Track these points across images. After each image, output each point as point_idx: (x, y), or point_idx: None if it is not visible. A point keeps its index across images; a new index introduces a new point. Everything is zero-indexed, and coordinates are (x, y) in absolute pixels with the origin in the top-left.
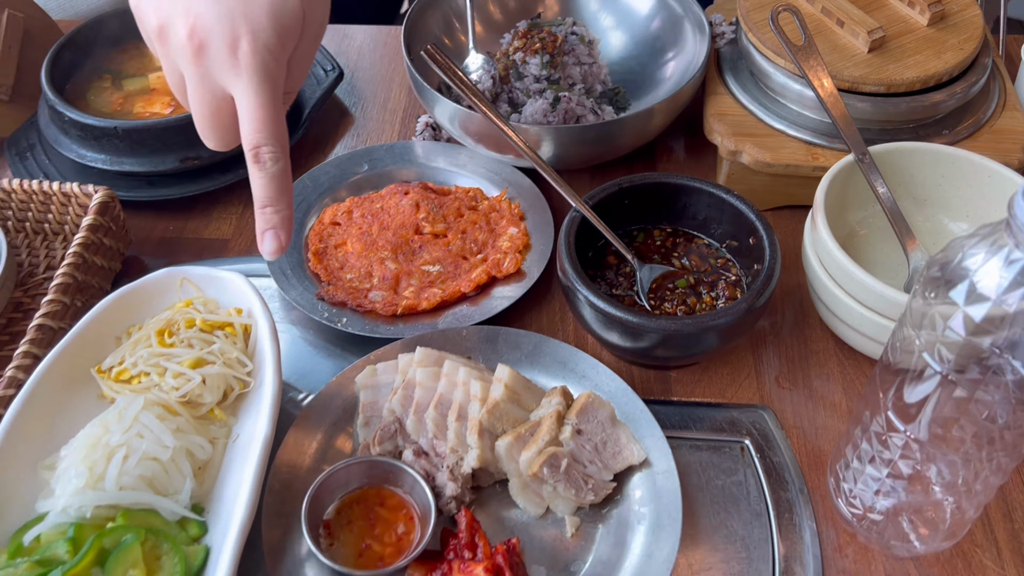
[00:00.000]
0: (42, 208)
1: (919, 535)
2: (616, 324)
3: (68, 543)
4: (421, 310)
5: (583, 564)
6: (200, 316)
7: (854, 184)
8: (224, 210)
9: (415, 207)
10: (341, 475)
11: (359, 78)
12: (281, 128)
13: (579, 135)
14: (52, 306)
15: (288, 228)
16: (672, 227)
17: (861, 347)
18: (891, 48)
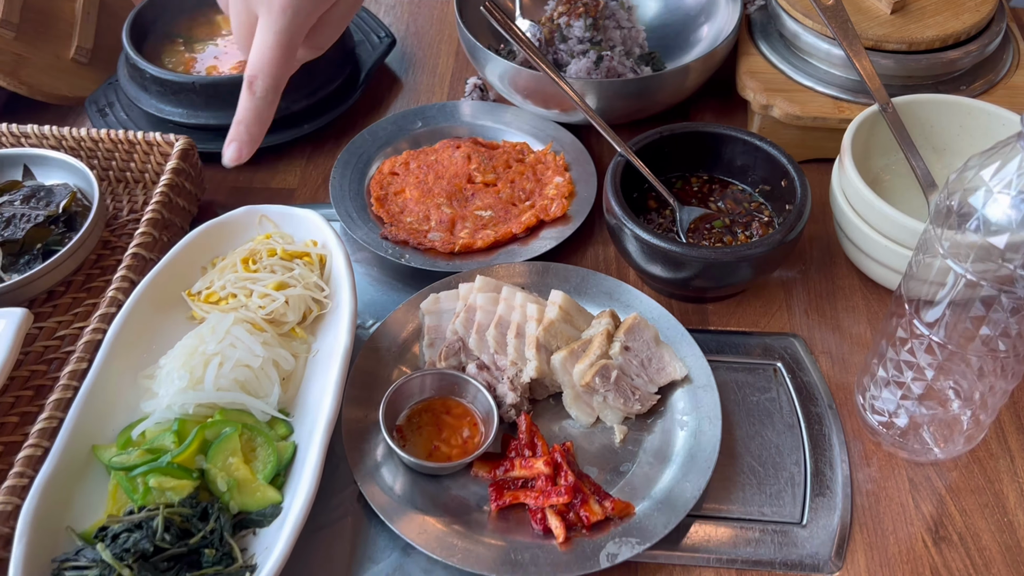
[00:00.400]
0: (126, 157)
1: (939, 443)
2: (659, 255)
3: (173, 435)
4: (476, 248)
5: (631, 465)
6: (280, 246)
7: (878, 133)
8: (289, 162)
9: (467, 159)
10: (411, 385)
11: (409, 45)
12: (282, 68)
13: (621, 88)
14: (144, 237)
15: (251, 147)
16: (708, 174)
17: (884, 280)
18: (912, 10)
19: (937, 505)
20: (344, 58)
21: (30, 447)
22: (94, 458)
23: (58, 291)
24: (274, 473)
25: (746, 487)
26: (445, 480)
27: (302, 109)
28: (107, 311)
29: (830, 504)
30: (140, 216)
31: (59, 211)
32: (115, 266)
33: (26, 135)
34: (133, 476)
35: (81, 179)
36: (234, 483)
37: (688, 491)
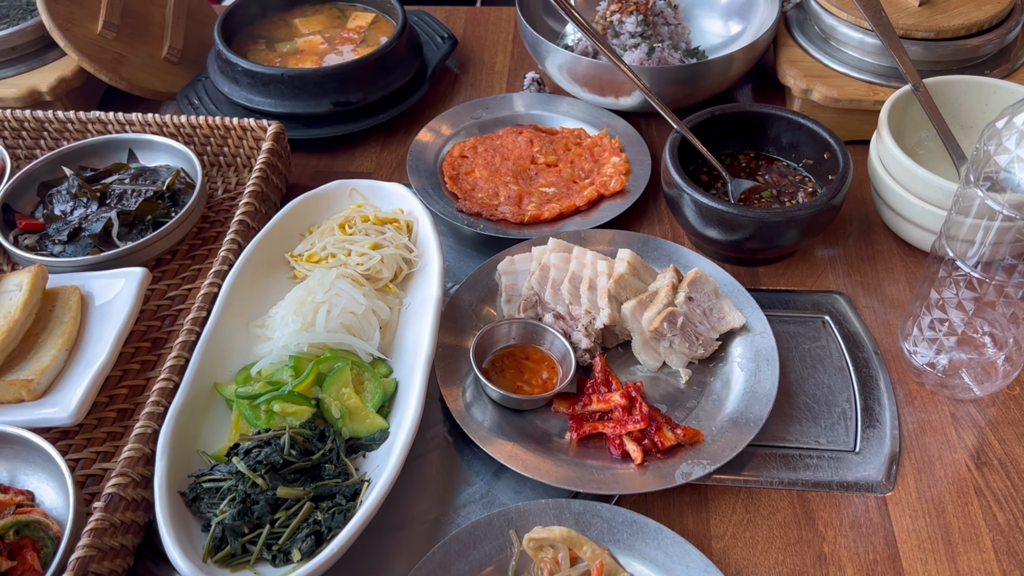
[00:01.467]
0: (220, 141)
1: (977, 382)
2: (716, 218)
3: (290, 370)
4: (543, 219)
5: (697, 402)
6: (372, 213)
7: (911, 111)
8: (366, 148)
9: (529, 143)
10: (495, 332)
11: (468, 47)
12: None
13: (673, 74)
14: (248, 207)
15: None
16: (756, 151)
17: (921, 243)
18: (938, 1)
19: (978, 435)
20: (413, 56)
21: (163, 380)
22: (216, 394)
23: (165, 259)
24: (380, 404)
25: (803, 421)
26: (528, 414)
27: (376, 100)
28: (220, 268)
29: (880, 435)
30: (235, 195)
31: (164, 188)
32: (216, 237)
33: (131, 122)
34: (257, 404)
35: (182, 160)
36: (346, 411)
37: (752, 420)
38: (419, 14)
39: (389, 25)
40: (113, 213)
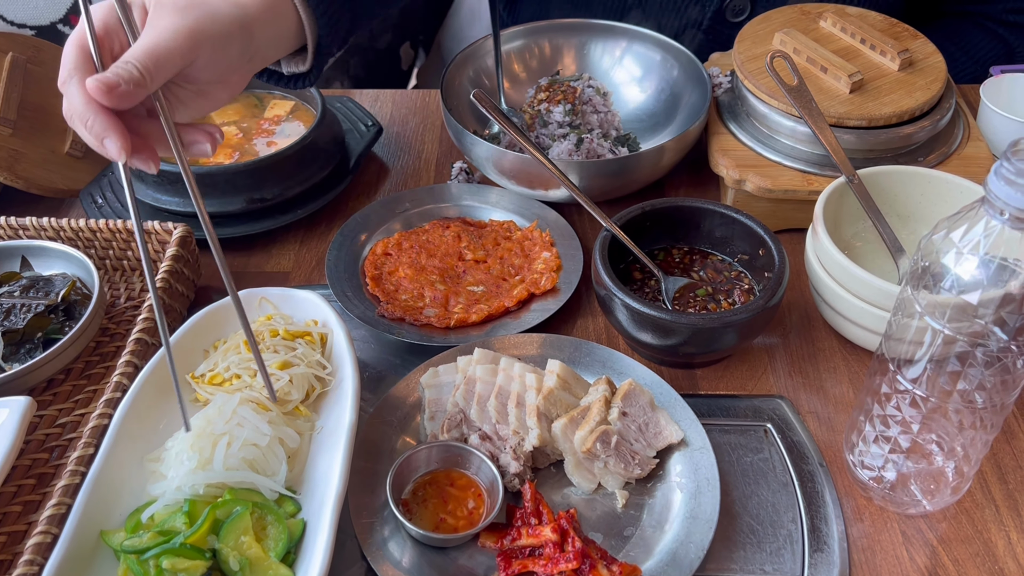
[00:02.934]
0: (123, 245)
1: (926, 495)
2: (649, 323)
3: (184, 516)
4: (471, 323)
5: (634, 529)
6: (282, 326)
7: (846, 203)
8: (284, 246)
9: (457, 238)
10: (416, 459)
11: (395, 133)
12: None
13: (602, 168)
14: (146, 323)
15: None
16: (689, 246)
17: (861, 341)
18: (869, 89)
19: (931, 556)
20: (334, 147)
21: (39, 534)
22: (102, 544)
23: (58, 379)
24: (285, 551)
25: (747, 546)
26: (452, 552)
27: (295, 195)
28: (112, 396)
29: (828, 560)
30: (138, 303)
31: (58, 300)
32: (115, 353)
33: (24, 227)
34: (145, 559)
35: (80, 268)
36: (246, 562)
37: (692, 551)
38: (342, 99)
39: (309, 113)
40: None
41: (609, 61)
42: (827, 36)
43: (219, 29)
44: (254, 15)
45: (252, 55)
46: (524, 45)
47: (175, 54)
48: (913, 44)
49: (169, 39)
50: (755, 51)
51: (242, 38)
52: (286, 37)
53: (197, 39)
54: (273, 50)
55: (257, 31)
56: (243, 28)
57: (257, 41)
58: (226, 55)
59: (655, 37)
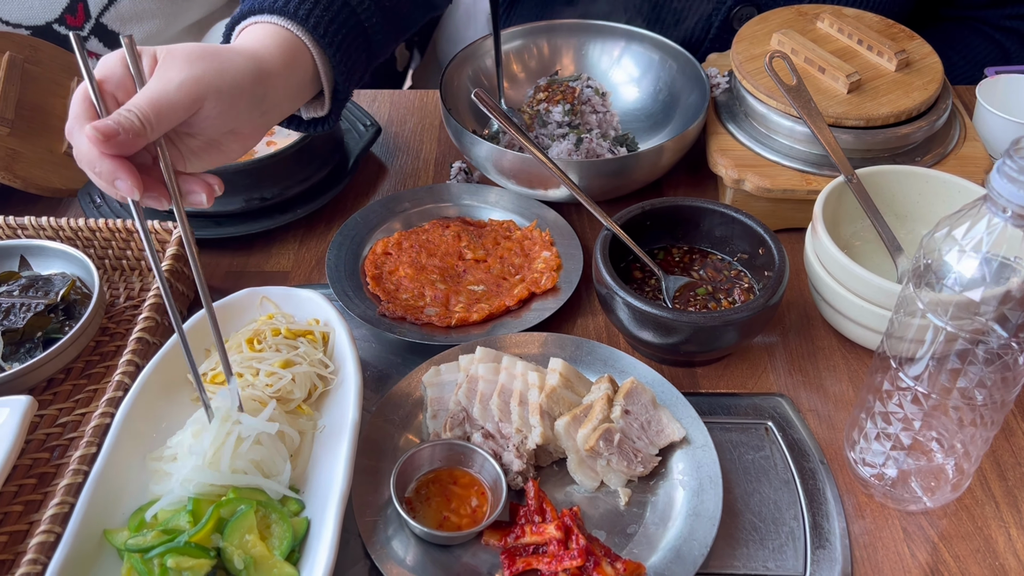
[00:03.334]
0: (123, 245)
1: (927, 492)
2: (650, 322)
3: (188, 515)
4: (472, 321)
5: (637, 527)
6: (284, 325)
7: (845, 202)
8: (283, 245)
9: (457, 237)
10: (418, 457)
11: (393, 134)
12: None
13: (602, 167)
14: (148, 322)
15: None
16: (688, 245)
17: (861, 339)
18: (867, 89)
19: (931, 552)
20: (334, 146)
21: (43, 533)
22: (105, 543)
23: (58, 378)
24: (289, 549)
25: (749, 543)
26: (456, 550)
27: (295, 195)
28: (114, 395)
29: (831, 556)
30: (138, 303)
31: (58, 299)
32: (114, 352)
33: (23, 226)
34: (150, 558)
35: (79, 268)
36: (251, 560)
37: (696, 549)
38: None
39: None
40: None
41: (607, 61)
42: (824, 37)
43: (229, 82)
44: (271, 69)
45: (267, 108)
46: (523, 45)
47: (177, 105)
48: (910, 45)
49: (173, 90)
50: (753, 51)
51: (255, 92)
52: (303, 87)
53: (202, 91)
54: (289, 102)
55: (273, 84)
56: (257, 81)
57: (273, 94)
58: (235, 108)
59: (653, 38)
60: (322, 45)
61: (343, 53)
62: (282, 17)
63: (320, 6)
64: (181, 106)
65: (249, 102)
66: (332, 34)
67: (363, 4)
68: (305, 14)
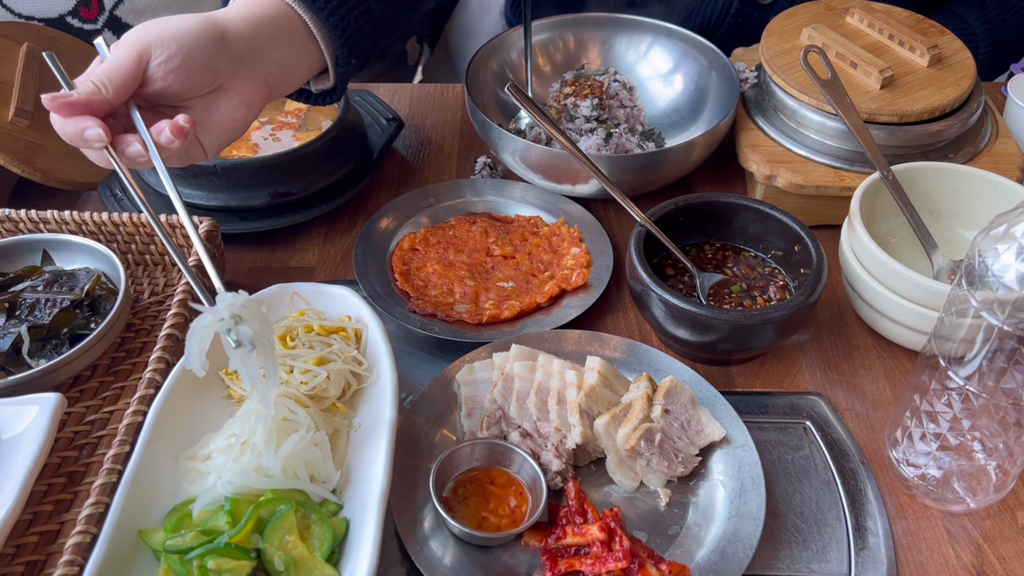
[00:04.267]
0: (146, 240)
1: (969, 493)
2: (686, 319)
3: (226, 515)
4: (503, 319)
5: (679, 528)
6: (316, 322)
7: (880, 199)
8: (307, 240)
9: (484, 233)
10: (456, 456)
11: (415, 128)
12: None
13: (632, 163)
14: (176, 319)
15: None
16: (721, 242)
17: (899, 338)
18: (899, 85)
19: (976, 553)
20: (356, 141)
21: (79, 534)
22: (141, 543)
23: (84, 375)
24: (330, 550)
25: (792, 544)
26: (495, 550)
27: (318, 190)
28: (146, 392)
29: (875, 558)
30: (163, 299)
31: (83, 295)
32: (141, 349)
33: (45, 220)
34: (189, 559)
35: (103, 263)
36: (291, 562)
37: (740, 550)
38: (361, 93)
39: (329, 108)
40: (23, 328)
41: (634, 56)
42: (854, 32)
43: (172, 26)
44: (230, 14)
45: (242, 56)
46: (548, 39)
47: (124, 61)
48: (941, 40)
49: (118, 51)
50: (783, 46)
51: (209, 31)
52: (296, 51)
53: (143, 40)
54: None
55: (236, 28)
56: (209, 23)
57: (238, 36)
58: (188, 51)
59: (680, 32)
60: (320, 16)
61: (340, 21)
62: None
63: None
64: (128, 60)
65: (200, 42)
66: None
67: None
68: None
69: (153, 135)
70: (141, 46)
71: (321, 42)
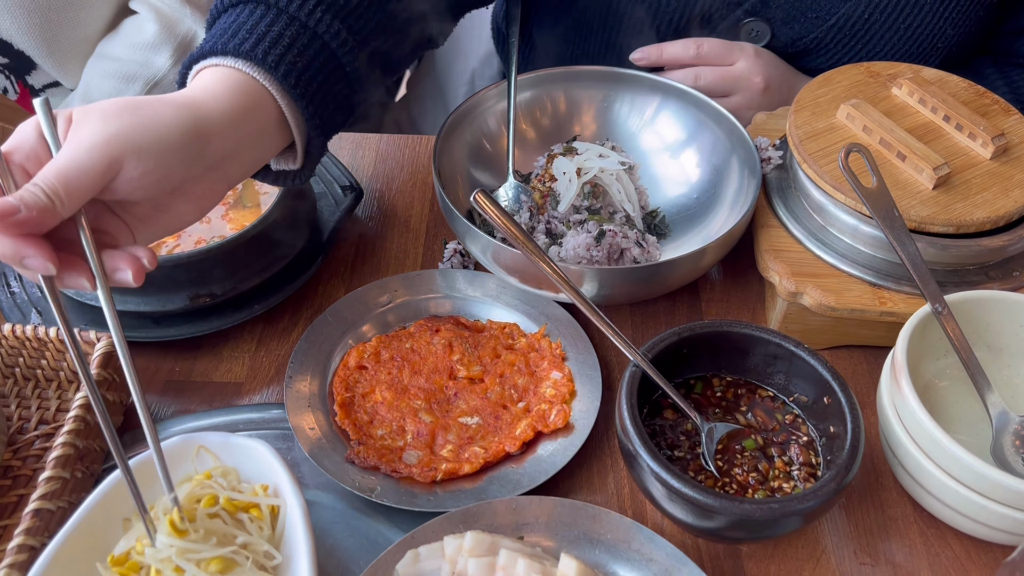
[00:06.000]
0: (35, 355)
1: None
2: (686, 501)
3: None
4: (463, 474)
5: None
6: (224, 494)
7: (930, 334)
8: (235, 349)
9: (448, 347)
10: None
11: (376, 193)
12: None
13: (629, 276)
14: (50, 485)
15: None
16: (733, 376)
17: (948, 519)
18: (956, 184)
19: None
20: (304, 222)
21: None
22: None
23: None
24: None
25: None
26: None
27: (251, 288)
28: None
29: None
30: (57, 426)
31: None
32: (15, 506)
33: None
34: None
35: None
36: None
37: None
38: None
39: None
40: None
41: (637, 122)
42: (902, 108)
43: (152, 137)
44: (211, 119)
45: (214, 163)
46: (535, 97)
47: (89, 171)
48: (1006, 123)
49: (84, 154)
50: (816, 125)
51: (188, 147)
52: (265, 137)
53: (117, 151)
54: (251, 154)
55: (215, 136)
56: (191, 135)
57: (219, 146)
58: (164, 166)
59: (695, 96)
60: (293, 96)
61: (317, 105)
62: (246, 61)
63: (293, 51)
64: (95, 171)
65: (182, 158)
66: (306, 83)
67: (345, 47)
68: (275, 60)
69: (108, 270)
70: (113, 157)
71: (295, 129)
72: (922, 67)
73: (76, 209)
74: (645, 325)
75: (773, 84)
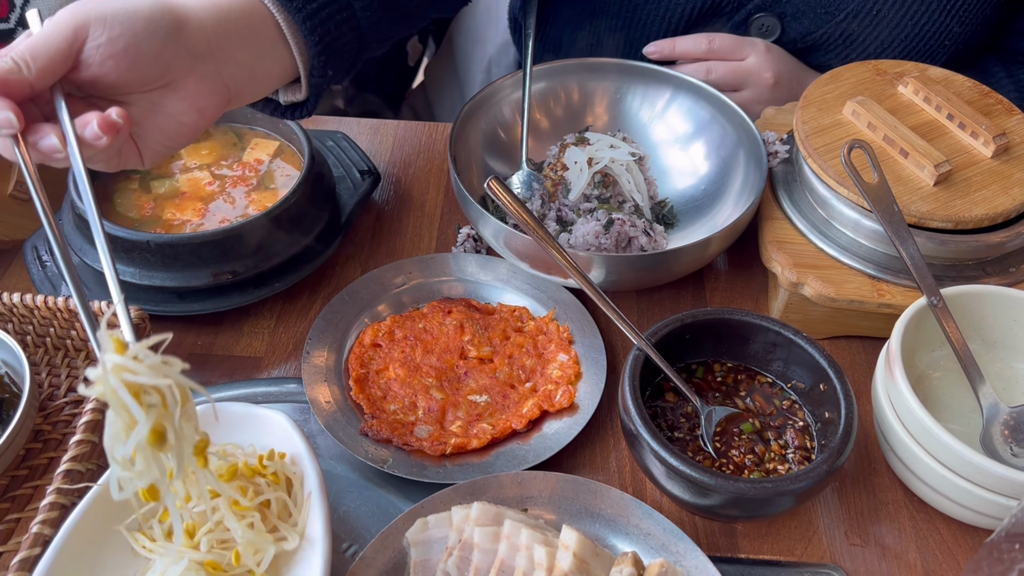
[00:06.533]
0: (65, 325)
1: None
2: (684, 479)
3: None
4: (471, 449)
5: None
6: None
7: (925, 326)
8: (255, 325)
9: (459, 328)
10: None
11: (393, 178)
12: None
13: (636, 263)
14: (80, 447)
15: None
16: (733, 362)
17: (937, 504)
18: (956, 181)
19: None
20: (321, 205)
21: None
22: None
23: None
24: None
25: None
26: None
27: (272, 267)
28: (28, 554)
29: None
30: (81, 397)
31: None
32: (46, 467)
33: None
34: None
35: (8, 354)
36: None
37: None
38: (334, 136)
39: (296, 157)
40: None
41: (648, 114)
42: (907, 106)
43: (119, 6)
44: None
45: (197, 49)
46: (548, 88)
47: (55, 37)
48: (1008, 122)
49: (50, 24)
50: (822, 121)
51: (162, 18)
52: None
53: (80, 17)
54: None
55: (197, 18)
56: (163, 8)
57: (199, 32)
58: (132, 32)
59: (705, 90)
60: (296, 17)
61: (319, 26)
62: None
63: None
64: (60, 36)
65: (151, 28)
66: (312, 11)
67: None
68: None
69: (77, 128)
70: (77, 22)
71: (294, 47)
72: (928, 66)
73: (47, 79)
74: (651, 311)
75: (783, 79)
